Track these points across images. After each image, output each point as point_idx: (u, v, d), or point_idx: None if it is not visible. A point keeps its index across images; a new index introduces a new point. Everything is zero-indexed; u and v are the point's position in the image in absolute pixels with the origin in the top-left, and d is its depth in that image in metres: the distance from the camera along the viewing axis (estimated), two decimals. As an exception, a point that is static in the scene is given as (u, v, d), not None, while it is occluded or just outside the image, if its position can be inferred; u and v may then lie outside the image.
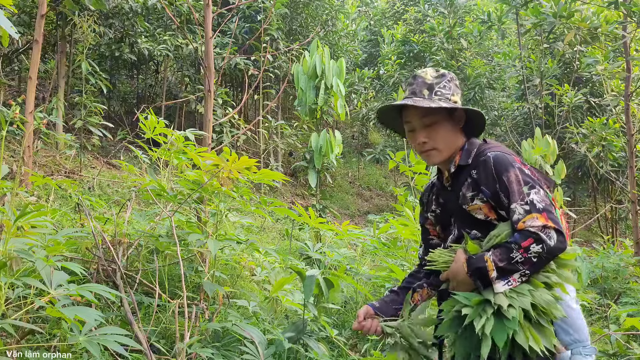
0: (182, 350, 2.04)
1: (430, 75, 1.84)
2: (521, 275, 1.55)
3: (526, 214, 1.56)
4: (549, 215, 1.56)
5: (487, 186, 1.64)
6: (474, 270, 1.57)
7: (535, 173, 1.67)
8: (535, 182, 1.61)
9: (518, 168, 1.62)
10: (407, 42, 13.48)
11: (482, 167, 1.66)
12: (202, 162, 2.53)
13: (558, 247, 1.54)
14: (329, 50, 5.99)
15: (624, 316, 2.84)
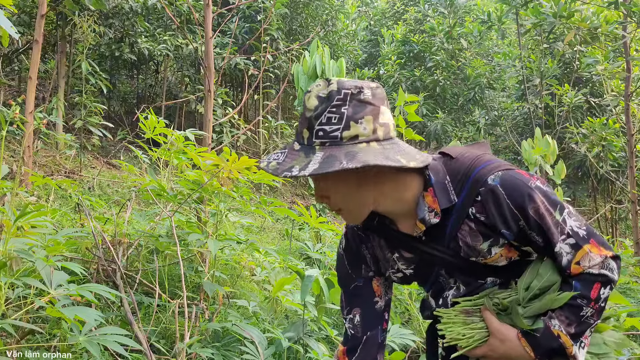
0: (182, 350, 2.04)
1: (312, 101, 1.13)
2: (591, 330, 1.19)
3: (575, 250, 1.16)
4: (597, 239, 1.18)
5: (507, 227, 1.18)
6: (545, 352, 1.17)
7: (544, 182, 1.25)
8: (559, 203, 1.19)
9: (537, 188, 1.18)
10: (407, 42, 13.48)
11: (491, 202, 1.18)
12: (202, 162, 2.53)
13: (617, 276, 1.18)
14: (329, 50, 5.99)
15: (624, 316, 2.84)
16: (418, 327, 3.04)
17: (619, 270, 1.18)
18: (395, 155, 1.12)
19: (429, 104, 12.44)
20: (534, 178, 1.20)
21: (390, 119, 1.17)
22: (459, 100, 12.80)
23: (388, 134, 1.15)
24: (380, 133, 1.13)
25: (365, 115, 1.11)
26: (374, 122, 1.12)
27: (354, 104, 1.11)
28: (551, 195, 1.19)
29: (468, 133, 12.20)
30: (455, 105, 12.98)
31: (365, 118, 1.11)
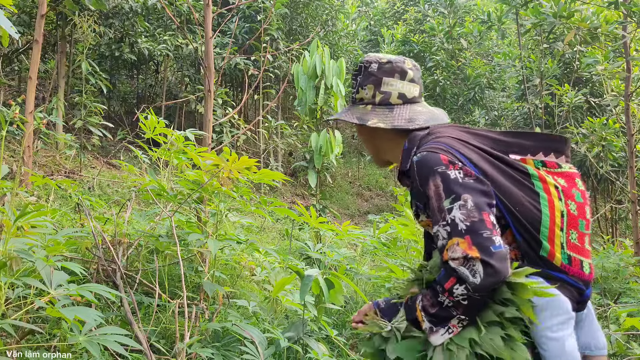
0: (182, 350, 2.04)
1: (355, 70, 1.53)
2: (459, 320, 1.25)
3: (448, 238, 1.23)
4: (476, 238, 1.20)
5: (419, 199, 1.34)
6: (411, 320, 1.32)
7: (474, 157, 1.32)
8: (459, 188, 1.24)
9: (440, 174, 1.27)
10: (407, 42, 13.48)
11: (411, 174, 1.35)
12: (202, 162, 2.53)
13: (488, 282, 1.18)
14: (329, 50, 5.99)
15: (624, 316, 2.84)
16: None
17: (486, 277, 1.18)
18: (373, 118, 1.42)
19: (429, 104, 12.44)
20: (451, 167, 1.27)
21: (396, 87, 1.44)
22: (459, 100, 12.80)
23: (386, 100, 1.44)
24: (378, 99, 1.44)
25: (368, 83, 1.46)
26: (375, 89, 1.45)
27: (364, 74, 1.47)
28: (452, 185, 1.25)
29: (468, 133, 12.19)
30: (455, 105, 12.98)
31: (367, 86, 1.46)
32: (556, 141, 1.41)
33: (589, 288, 1.38)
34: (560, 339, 1.29)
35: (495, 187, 1.30)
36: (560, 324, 1.30)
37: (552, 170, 1.39)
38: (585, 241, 1.37)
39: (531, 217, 1.32)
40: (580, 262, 1.34)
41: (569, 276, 1.33)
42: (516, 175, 1.34)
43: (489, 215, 1.24)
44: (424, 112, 1.46)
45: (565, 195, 1.35)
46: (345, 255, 3.47)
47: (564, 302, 1.31)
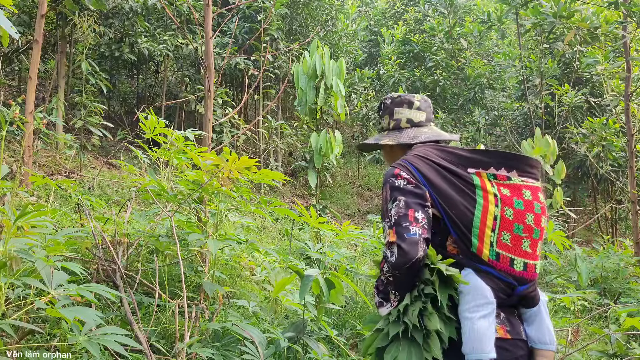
0: (182, 350, 2.04)
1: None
2: (394, 295, 1.60)
3: (386, 230, 1.60)
4: (397, 228, 1.55)
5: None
6: (376, 303, 1.67)
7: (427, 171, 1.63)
8: (399, 193, 1.60)
9: (390, 183, 1.64)
10: (407, 42, 13.48)
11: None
12: (202, 162, 2.53)
13: (400, 260, 1.52)
14: (329, 50, 5.99)
15: (624, 316, 2.84)
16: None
17: (398, 257, 1.53)
18: (385, 138, 1.88)
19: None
20: (398, 177, 1.63)
21: (404, 114, 1.88)
22: (459, 100, 12.80)
23: (397, 125, 1.89)
24: (391, 125, 1.90)
25: (385, 115, 1.93)
26: (389, 118, 1.91)
27: (383, 109, 1.94)
28: (394, 191, 1.62)
29: (468, 133, 12.20)
30: (455, 105, 12.98)
31: (385, 117, 1.93)
32: (510, 159, 1.66)
33: (524, 284, 1.60)
34: (473, 318, 1.52)
35: (437, 193, 1.62)
36: (477, 306, 1.54)
37: (500, 181, 1.64)
38: (523, 243, 1.59)
39: (464, 219, 1.59)
40: (510, 260, 1.58)
41: (496, 270, 1.58)
42: (460, 185, 1.63)
43: (414, 211, 1.58)
44: (427, 132, 1.85)
45: (502, 203, 1.60)
46: (345, 255, 3.47)
47: (484, 289, 1.54)
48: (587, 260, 5.78)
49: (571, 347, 2.99)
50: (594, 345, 4.03)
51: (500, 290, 1.58)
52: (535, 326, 1.66)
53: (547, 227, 1.71)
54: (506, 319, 1.61)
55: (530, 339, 1.66)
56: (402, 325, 1.56)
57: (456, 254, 1.63)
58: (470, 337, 1.52)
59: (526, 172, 1.66)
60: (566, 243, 3.54)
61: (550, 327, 1.68)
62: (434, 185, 1.62)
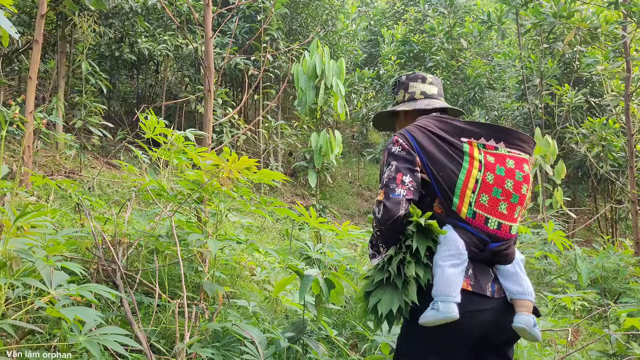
0: (182, 350, 2.04)
1: None
2: (382, 247, 1.83)
3: (379, 191, 1.85)
4: (386, 189, 1.79)
5: None
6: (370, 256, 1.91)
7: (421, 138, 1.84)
8: (393, 158, 1.84)
9: (388, 149, 1.88)
10: (407, 42, 13.48)
11: None
12: (202, 162, 2.53)
13: (384, 217, 1.76)
14: (329, 50, 5.99)
15: (624, 316, 2.84)
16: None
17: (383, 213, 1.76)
18: (402, 107, 2.10)
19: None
20: (395, 144, 1.86)
21: (418, 87, 2.12)
22: (459, 100, 12.79)
23: (412, 96, 2.11)
24: (407, 97, 2.13)
25: (400, 89, 2.17)
26: (404, 92, 2.14)
27: (398, 84, 2.18)
28: (389, 157, 1.85)
29: (468, 133, 12.18)
30: (455, 105, 12.97)
31: (400, 91, 2.17)
32: (500, 132, 1.86)
33: (497, 242, 1.80)
34: (444, 266, 1.73)
35: (428, 159, 1.82)
36: (449, 256, 1.75)
37: (487, 150, 1.84)
38: (500, 205, 1.80)
39: (449, 180, 1.79)
40: (485, 218, 1.79)
41: (471, 227, 1.79)
42: (450, 151, 1.82)
43: (402, 175, 1.80)
44: (439, 102, 2.08)
45: (485, 168, 1.80)
46: (345, 255, 3.47)
47: (457, 241, 1.76)
48: (587, 260, 5.78)
49: (571, 347, 2.99)
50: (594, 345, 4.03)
51: (473, 244, 1.78)
52: (513, 281, 1.83)
53: (529, 195, 1.86)
54: (473, 275, 1.79)
55: (510, 292, 1.82)
56: (386, 273, 1.78)
57: (440, 213, 1.84)
58: (439, 282, 1.72)
59: (514, 144, 1.85)
60: (566, 243, 3.54)
61: (527, 281, 1.85)
62: (426, 151, 1.83)
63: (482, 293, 1.77)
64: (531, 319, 1.79)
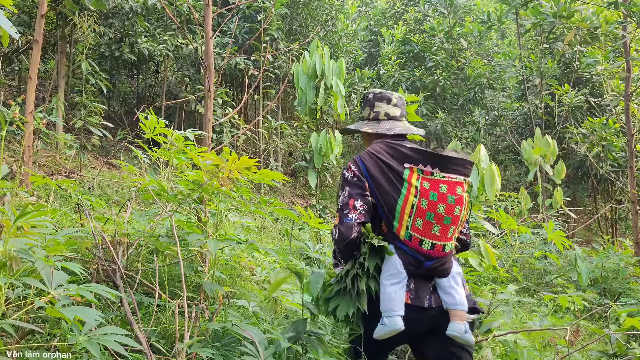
0: (182, 350, 2.04)
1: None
2: (341, 261, 2.15)
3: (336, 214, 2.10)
4: (340, 214, 2.05)
5: None
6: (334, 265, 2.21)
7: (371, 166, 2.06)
8: (346, 184, 2.08)
9: (342, 176, 2.13)
10: (407, 42, 13.47)
11: None
12: (202, 162, 2.53)
13: (339, 239, 2.02)
14: (329, 50, 5.98)
15: (624, 316, 2.84)
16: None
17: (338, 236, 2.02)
18: (365, 127, 2.28)
19: (429, 104, 12.44)
20: (349, 170, 2.10)
21: (383, 109, 2.28)
22: (459, 100, 12.79)
23: (376, 116, 2.28)
24: (372, 116, 2.30)
25: (367, 106, 2.33)
26: (370, 110, 2.31)
27: (365, 101, 2.35)
28: (344, 182, 2.10)
29: (468, 133, 12.19)
30: (455, 105, 12.97)
31: (366, 108, 2.33)
32: (437, 158, 2.04)
33: (431, 260, 2.03)
34: (386, 285, 2.02)
35: (374, 184, 2.06)
36: (390, 275, 2.02)
37: (425, 176, 2.03)
38: (433, 228, 2.01)
39: (390, 205, 2.03)
40: (420, 240, 2.02)
41: (408, 248, 2.03)
42: (392, 178, 2.05)
43: (354, 200, 2.04)
44: (401, 125, 2.26)
45: (420, 194, 2.01)
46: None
47: (397, 262, 2.03)
48: (587, 260, 5.78)
49: (571, 347, 2.99)
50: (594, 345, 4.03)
51: (409, 263, 2.03)
52: (447, 293, 2.08)
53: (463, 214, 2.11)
54: (414, 289, 2.06)
55: (445, 302, 2.08)
56: (343, 284, 2.08)
57: (386, 232, 2.09)
58: (384, 299, 2.00)
59: (448, 169, 2.04)
60: (566, 243, 3.54)
61: (461, 293, 2.10)
62: (373, 177, 2.07)
63: (420, 305, 2.03)
64: (462, 327, 2.04)
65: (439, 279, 2.09)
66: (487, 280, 3.44)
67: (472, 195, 3.86)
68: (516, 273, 4.76)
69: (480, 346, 2.83)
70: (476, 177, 3.85)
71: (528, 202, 6.64)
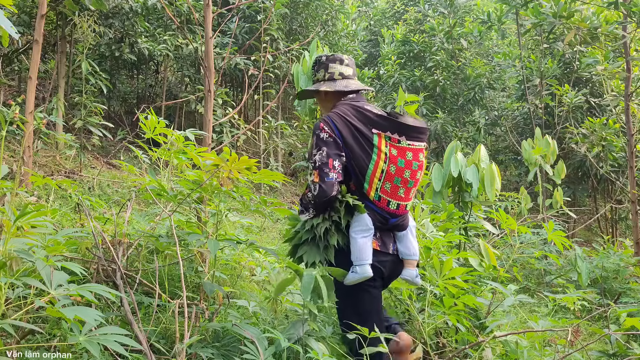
0: (182, 350, 2.04)
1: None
2: (312, 210, 2.29)
3: (312, 170, 2.24)
4: (320, 172, 2.20)
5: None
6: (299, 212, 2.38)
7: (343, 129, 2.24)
8: (323, 143, 2.22)
9: (316, 134, 2.26)
10: (407, 42, 13.47)
11: None
12: (202, 162, 2.53)
13: (320, 196, 2.20)
14: (329, 50, 5.98)
15: (624, 316, 2.84)
16: (418, 328, 3.04)
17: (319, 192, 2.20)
18: (323, 86, 2.44)
19: (429, 104, 12.43)
20: (323, 130, 2.25)
21: (337, 68, 2.45)
22: (459, 100, 12.78)
23: (332, 77, 2.45)
24: (327, 76, 2.46)
25: (320, 68, 2.49)
26: (325, 71, 2.47)
27: (318, 64, 2.50)
28: (319, 142, 2.24)
29: (468, 133, 12.19)
30: (455, 105, 12.97)
31: (320, 70, 2.49)
32: (403, 127, 2.25)
33: (396, 218, 2.34)
34: (357, 238, 2.27)
35: (346, 146, 2.25)
36: (360, 230, 2.28)
37: (392, 143, 2.26)
38: (399, 191, 2.29)
39: (361, 168, 2.25)
40: (388, 201, 2.29)
41: (376, 207, 2.29)
42: (363, 142, 2.25)
43: (333, 160, 2.22)
44: (355, 83, 2.46)
45: (389, 161, 2.24)
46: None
47: (366, 219, 2.28)
48: (587, 260, 5.78)
49: (571, 347, 2.99)
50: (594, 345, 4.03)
51: (377, 220, 2.30)
52: (403, 244, 2.43)
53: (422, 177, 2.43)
54: (380, 238, 2.35)
55: (401, 253, 2.43)
56: (311, 233, 2.29)
57: (355, 190, 2.32)
58: (354, 250, 2.27)
59: (413, 137, 2.28)
60: (566, 243, 3.54)
61: (415, 244, 2.45)
62: (345, 141, 2.24)
63: (386, 251, 2.36)
64: (414, 272, 2.45)
65: (399, 232, 2.41)
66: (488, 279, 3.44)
67: (472, 195, 3.86)
68: (516, 273, 4.76)
69: (481, 346, 2.83)
70: (476, 177, 3.85)
71: (528, 202, 6.64)
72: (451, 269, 2.85)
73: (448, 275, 2.84)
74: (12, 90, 8.96)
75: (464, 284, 2.91)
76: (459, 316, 2.87)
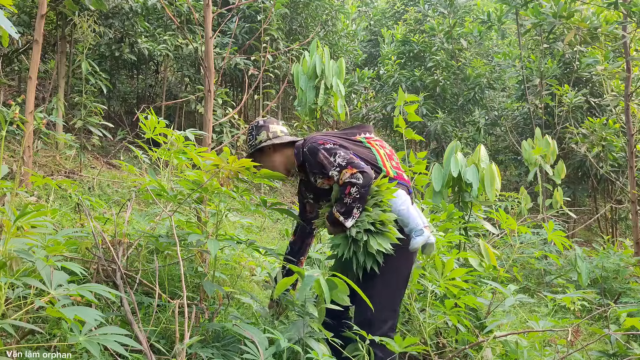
0: (182, 350, 2.04)
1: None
2: (357, 208, 2.38)
3: (340, 172, 2.39)
4: (352, 165, 2.38)
5: (316, 169, 2.51)
6: (331, 221, 2.43)
7: (337, 140, 2.53)
8: (335, 149, 2.45)
9: (323, 148, 2.48)
10: (407, 42, 13.47)
11: (306, 160, 2.56)
12: (202, 162, 2.53)
13: (366, 180, 2.36)
14: (329, 50, 5.98)
15: (624, 316, 2.84)
16: (418, 327, 3.04)
17: (364, 179, 2.36)
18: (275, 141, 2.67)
19: (429, 104, 12.43)
20: (325, 143, 2.51)
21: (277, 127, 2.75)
22: (459, 100, 12.78)
23: (275, 135, 2.71)
24: (271, 135, 2.70)
25: (261, 131, 2.73)
26: (267, 132, 2.71)
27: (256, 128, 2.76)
28: (331, 150, 2.47)
29: (468, 133, 12.19)
30: (455, 105, 12.97)
31: (262, 132, 2.73)
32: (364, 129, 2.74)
33: (410, 188, 2.68)
34: (404, 209, 2.52)
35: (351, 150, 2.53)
36: (402, 202, 2.52)
37: (369, 139, 2.69)
38: (400, 164, 2.73)
39: (372, 159, 2.59)
40: (402, 173, 2.66)
41: (401, 180, 2.62)
42: (357, 144, 2.63)
43: (354, 156, 2.45)
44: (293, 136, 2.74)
45: (380, 147, 2.67)
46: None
47: (400, 192, 2.54)
48: (587, 260, 5.78)
49: (571, 347, 2.99)
50: (594, 345, 4.03)
51: (406, 190, 2.63)
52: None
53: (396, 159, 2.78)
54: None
55: None
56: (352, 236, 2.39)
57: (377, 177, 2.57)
58: (411, 220, 2.49)
59: (371, 136, 2.73)
60: (566, 243, 3.54)
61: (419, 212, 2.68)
62: (346, 147, 2.54)
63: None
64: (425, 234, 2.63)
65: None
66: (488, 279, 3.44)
67: (472, 195, 3.86)
68: (516, 273, 4.76)
69: (481, 346, 2.83)
70: (476, 177, 3.85)
71: (528, 202, 6.64)
72: (452, 270, 2.86)
73: (449, 276, 2.84)
74: (12, 90, 8.96)
75: (465, 284, 2.91)
76: (459, 316, 2.87)
